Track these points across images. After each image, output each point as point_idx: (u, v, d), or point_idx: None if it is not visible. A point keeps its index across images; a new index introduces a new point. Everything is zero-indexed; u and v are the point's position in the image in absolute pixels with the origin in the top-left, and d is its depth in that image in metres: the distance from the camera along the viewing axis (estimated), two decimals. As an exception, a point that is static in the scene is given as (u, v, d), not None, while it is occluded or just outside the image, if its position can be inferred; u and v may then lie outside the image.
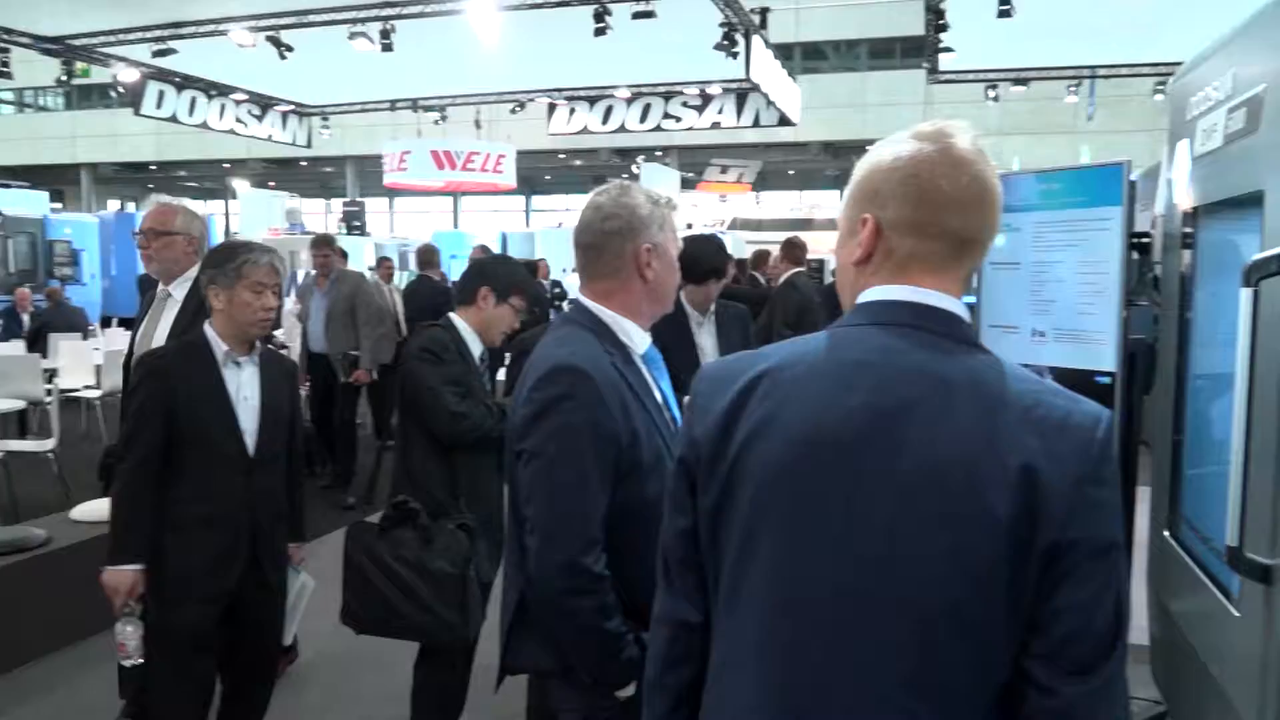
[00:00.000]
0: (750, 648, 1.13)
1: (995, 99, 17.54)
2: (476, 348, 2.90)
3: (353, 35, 14.11)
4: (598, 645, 1.68)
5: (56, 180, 30.14)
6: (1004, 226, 6.69)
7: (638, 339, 1.82)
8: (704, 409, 1.18)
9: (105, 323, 14.02)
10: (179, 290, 3.29)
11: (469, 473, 2.82)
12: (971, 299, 3.49)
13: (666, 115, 17.92)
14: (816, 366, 1.13)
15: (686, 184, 23.29)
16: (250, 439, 2.60)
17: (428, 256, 7.99)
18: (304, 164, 30.46)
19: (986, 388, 1.07)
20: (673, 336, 1.93)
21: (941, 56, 14.15)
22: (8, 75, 17.02)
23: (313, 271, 6.92)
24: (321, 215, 33.48)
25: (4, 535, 4.08)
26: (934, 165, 1.14)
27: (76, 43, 18.19)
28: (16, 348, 9.45)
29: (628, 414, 1.70)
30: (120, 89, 21.17)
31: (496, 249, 15.72)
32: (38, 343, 9.80)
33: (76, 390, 8.44)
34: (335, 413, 6.67)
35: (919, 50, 18.41)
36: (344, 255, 7.34)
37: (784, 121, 16.72)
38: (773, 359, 1.17)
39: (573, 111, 18.70)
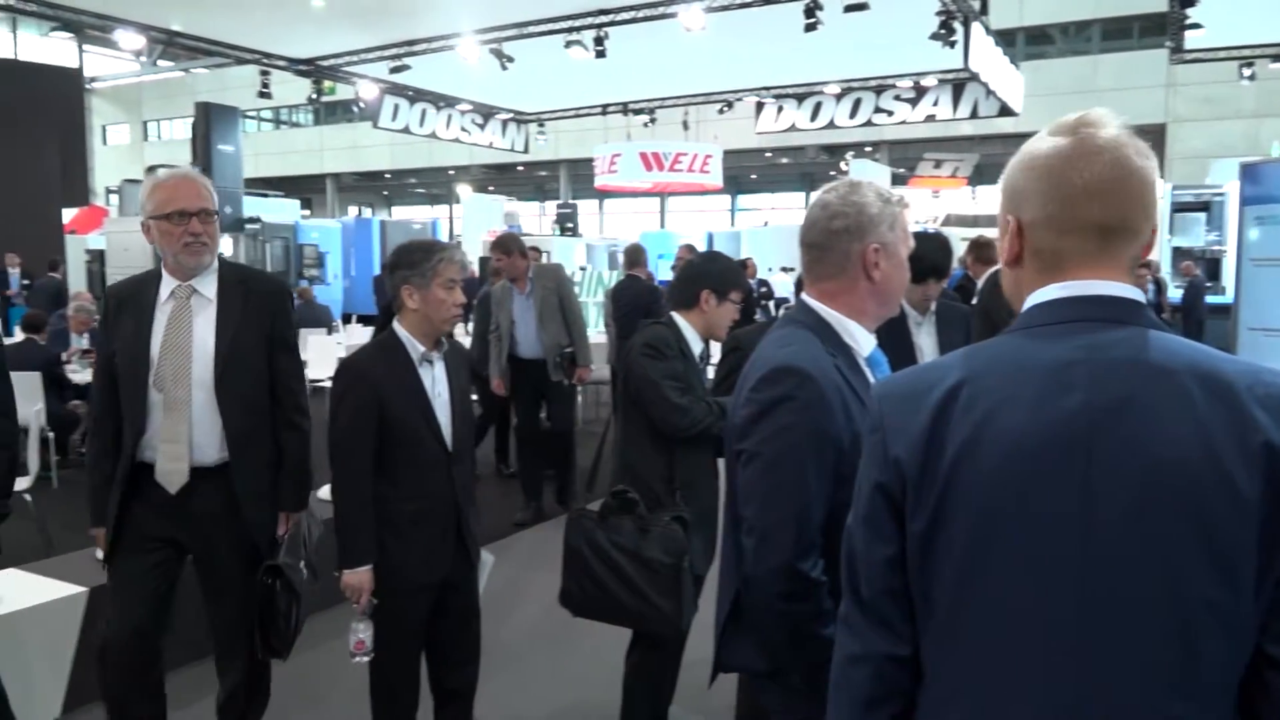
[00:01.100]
0: (989, 675, 1.08)
1: (1251, 78, 15.87)
2: (697, 346, 2.96)
3: (569, 44, 14.62)
4: (812, 651, 1.66)
5: (306, 189, 33.19)
6: (1264, 219, 6.01)
7: (863, 341, 1.77)
8: (898, 428, 1.14)
9: (345, 319, 15.25)
10: (208, 286, 2.76)
11: (687, 467, 2.87)
12: (1226, 299, 3.18)
13: (878, 109, 17.45)
14: (1019, 371, 1.09)
15: (897, 180, 22.58)
16: (447, 434, 2.71)
17: (635, 256, 8.14)
18: (520, 169, 31.95)
19: (1204, 370, 1.05)
20: (889, 336, 1.87)
21: (1188, 34, 12.96)
22: (268, 96, 18.84)
23: (507, 282, 6.27)
24: (536, 217, 34.98)
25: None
26: (1066, 159, 1.12)
27: (325, 64, 19.92)
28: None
29: (849, 417, 1.66)
30: (361, 104, 23.00)
31: (702, 249, 15.83)
32: (291, 337, 10.82)
33: (321, 381, 9.26)
34: (551, 418, 6.33)
35: (1160, 28, 16.95)
36: (523, 255, 6.30)
37: (1005, 112, 15.86)
38: (963, 368, 1.13)
39: (780, 109, 18.55)
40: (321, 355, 9.76)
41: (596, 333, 10.10)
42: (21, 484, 5.22)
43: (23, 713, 3.34)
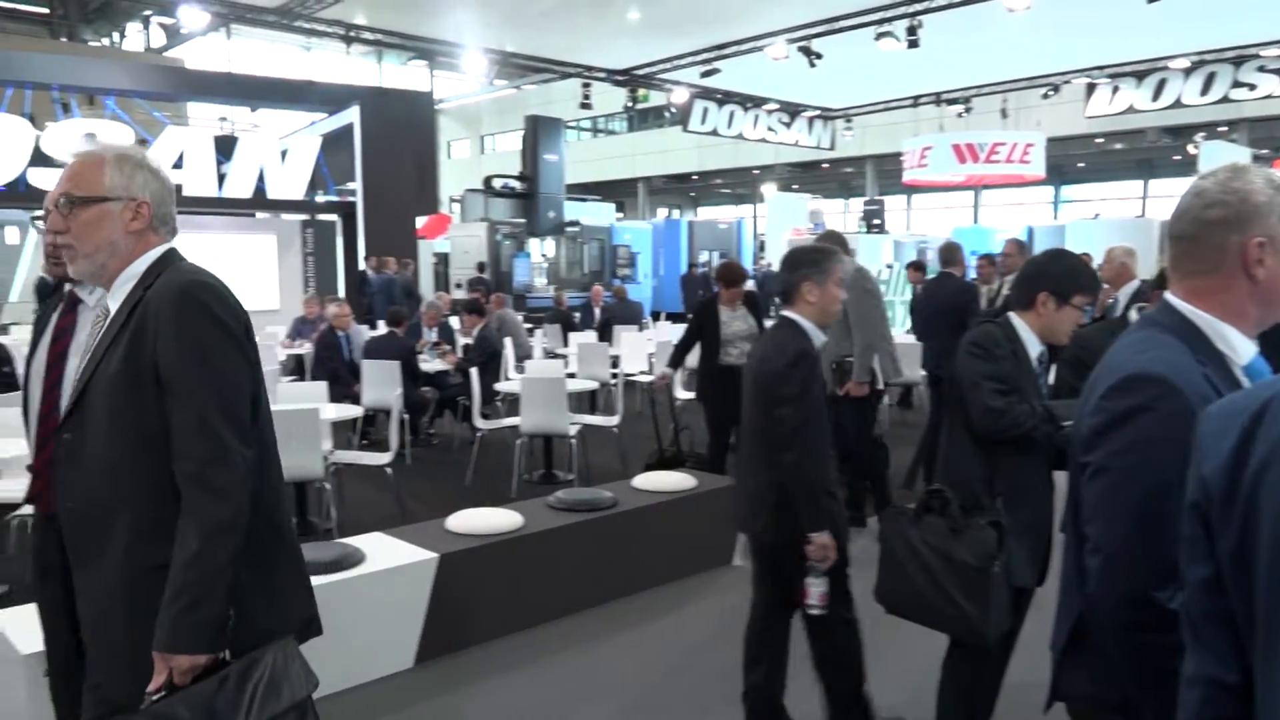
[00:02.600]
0: None
1: None
2: (1035, 348, 2.76)
3: (879, 36, 14.23)
4: (1163, 686, 1.50)
5: (619, 193, 34.99)
6: None
7: (1240, 348, 1.54)
8: (1211, 447, 1.13)
9: (654, 316, 15.91)
10: (115, 298, 1.96)
11: (1012, 472, 2.71)
12: None
13: (1236, 84, 15.42)
14: None
15: (1260, 163, 19.76)
16: None
17: (950, 254, 7.77)
18: (825, 166, 31.59)
19: None
20: (1270, 343, 1.62)
21: None
22: (588, 106, 20.04)
23: None
24: (841, 215, 34.45)
25: (582, 496, 4.84)
26: None
27: (639, 73, 20.89)
28: (590, 337, 11.17)
29: (1221, 434, 1.48)
30: (672, 109, 23.88)
31: (1027, 244, 14.79)
32: (605, 333, 11.48)
33: (634, 375, 9.73)
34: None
35: None
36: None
37: None
38: (1277, 385, 1.10)
39: (1116, 90, 16.93)
40: (633, 351, 10.25)
41: (904, 333, 9.77)
42: (382, 459, 5.97)
43: (380, 660, 3.82)
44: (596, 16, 17.13)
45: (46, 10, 22.55)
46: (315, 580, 3.59)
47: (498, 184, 22.35)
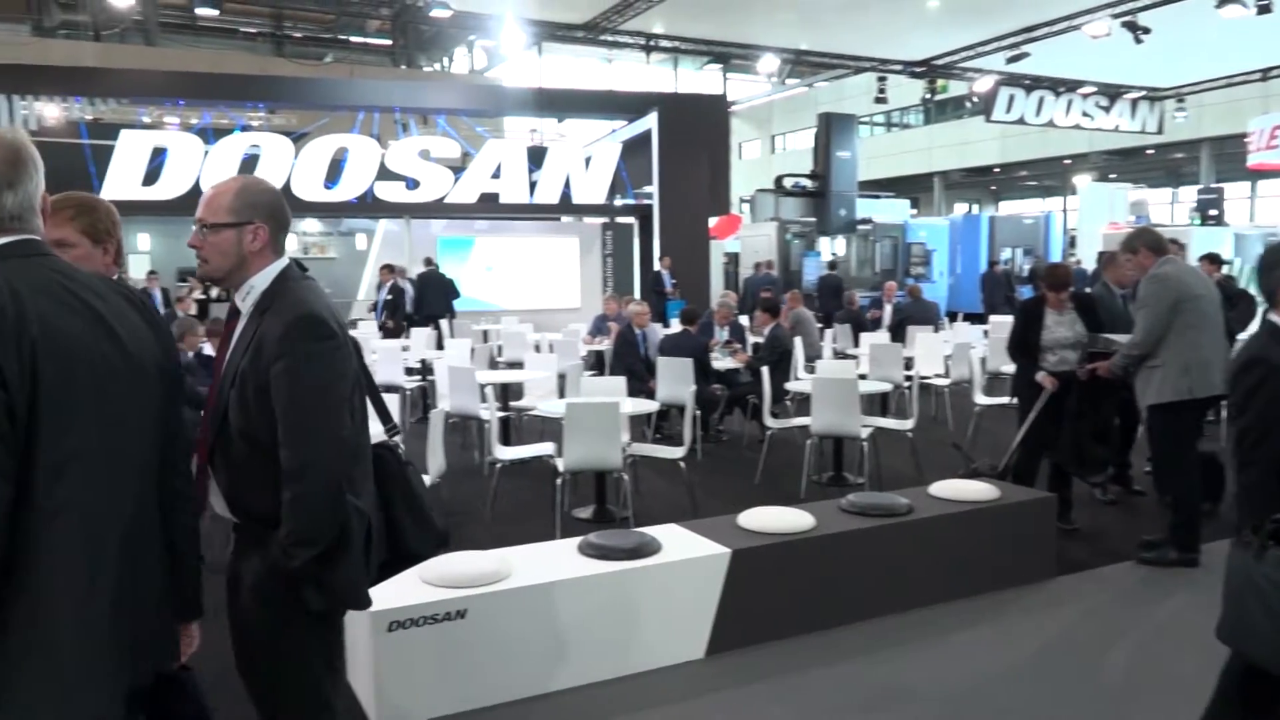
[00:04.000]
0: None
1: None
2: None
3: (1222, 3, 12.65)
4: None
5: (914, 189, 33.73)
6: None
7: None
8: None
9: (951, 317, 15.17)
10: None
11: None
12: None
13: None
14: None
15: None
16: None
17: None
18: (1150, 152, 28.60)
19: None
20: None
21: None
22: (884, 100, 19.52)
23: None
24: (1168, 205, 31.00)
25: (876, 500, 4.71)
26: None
27: (938, 63, 20.01)
28: (882, 337, 10.86)
29: None
30: (973, 99, 22.64)
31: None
32: (899, 334, 11.11)
33: (929, 378, 9.34)
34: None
35: None
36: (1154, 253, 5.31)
37: None
38: None
39: None
40: (929, 352, 9.84)
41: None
42: (676, 453, 6.15)
43: (672, 648, 3.93)
44: (893, 9, 16.62)
45: (390, 41, 25.44)
46: (614, 566, 3.82)
47: (789, 183, 22.33)
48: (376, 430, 2.40)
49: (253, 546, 2.16)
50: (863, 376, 8.21)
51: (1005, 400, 6.64)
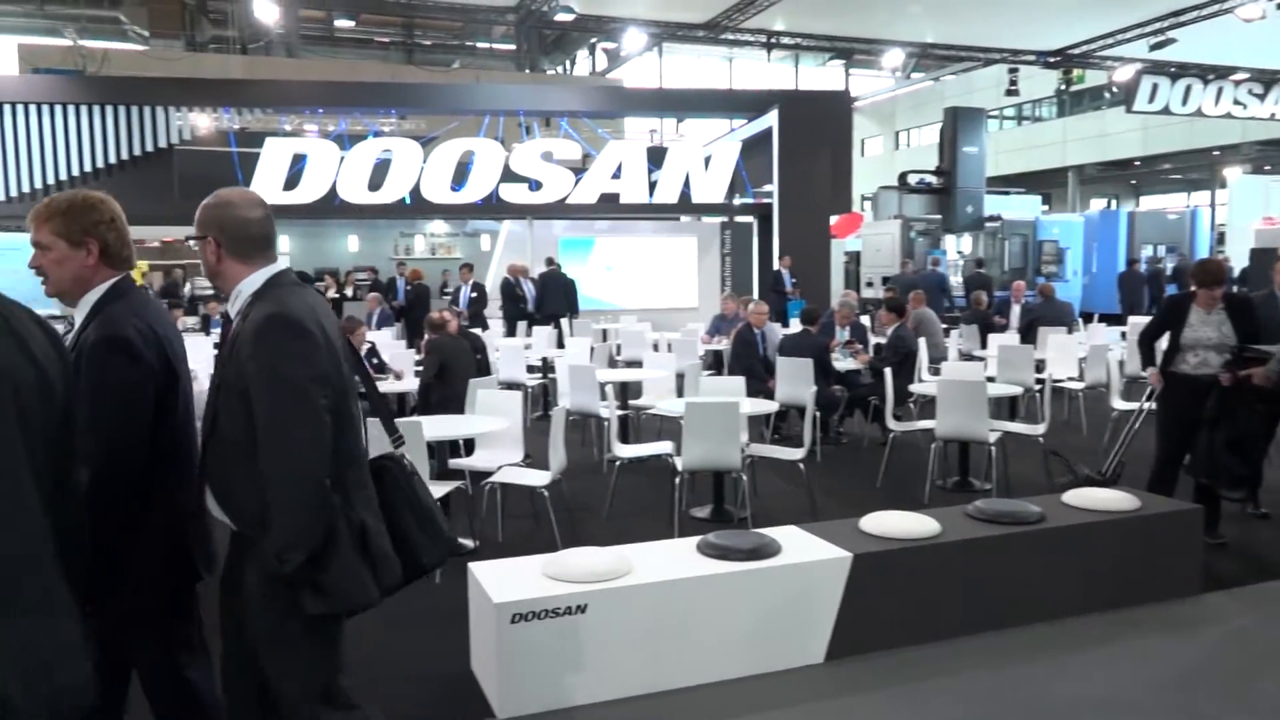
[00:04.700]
0: None
1: None
2: None
3: (1398, -22, 11.70)
4: None
5: (1046, 184, 32.35)
6: None
7: None
8: None
9: (1086, 318, 14.49)
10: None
11: None
12: None
13: None
14: None
15: None
16: None
17: None
18: (1311, 142, 26.64)
19: None
20: None
21: None
22: (1015, 93, 18.82)
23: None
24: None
25: (1005, 507, 4.54)
26: None
27: (1075, 52, 19.16)
28: (1011, 339, 10.48)
29: None
30: (1113, 89, 21.59)
31: None
32: (1029, 335, 10.69)
33: (1062, 381, 8.95)
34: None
35: None
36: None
37: None
38: None
39: None
40: (1061, 354, 9.45)
41: None
42: (796, 454, 6.09)
43: (791, 652, 3.89)
44: (1027, -3, 16.01)
45: (514, 46, 26.02)
46: (734, 566, 3.82)
47: (913, 180, 21.79)
48: (375, 437, 2.40)
49: (248, 550, 2.18)
50: (990, 379, 7.95)
51: (1137, 406, 6.28)
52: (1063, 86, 20.23)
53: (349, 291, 15.42)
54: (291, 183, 14.37)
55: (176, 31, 21.67)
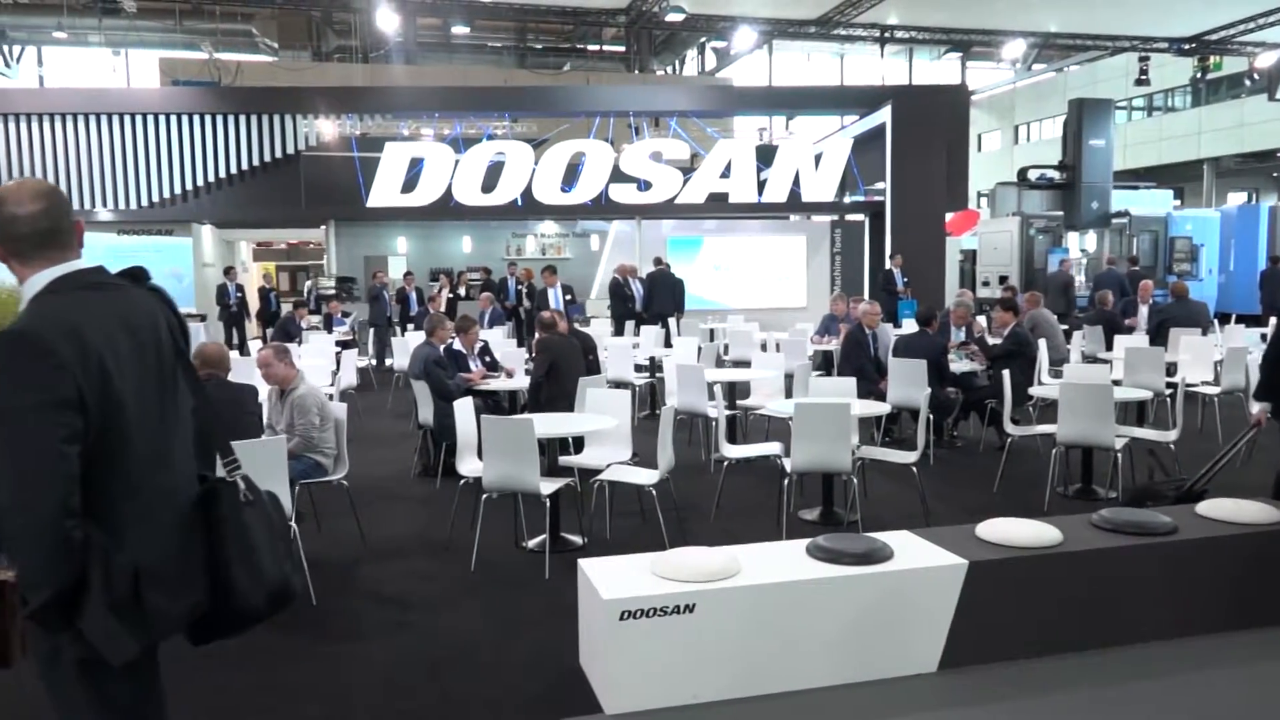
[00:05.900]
0: None
1: None
2: None
3: None
4: None
5: (1179, 178, 30.72)
6: None
7: None
8: None
9: (1222, 319, 13.69)
10: None
11: None
12: None
13: None
14: None
15: None
16: None
17: None
18: None
19: None
20: None
21: None
22: (1146, 83, 17.94)
23: None
24: None
25: (1132, 516, 4.33)
26: None
27: (1212, 38, 18.13)
28: (1140, 340, 10.00)
29: None
30: (1254, 76, 20.35)
31: None
32: (1159, 336, 10.17)
33: (1195, 385, 8.49)
34: None
35: None
36: None
37: None
38: None
39: None
40: (1195, 357, 8.96)
41: None
42: (908, 457, 5.95)
43: (903, 659, 3.81)
44: (1159, -20, 15.22)
45: (624, 48, 26.23)
46: (844, 570, 3.75)
47: (1034, 175, 21.01)
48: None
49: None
50: (1116, 382, 7.60)
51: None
52: (1198, 75, 19.13)
53: (462, 291, 15.82)
54: (409, 186, 14.83)
55: (304, 43, 22.67)
